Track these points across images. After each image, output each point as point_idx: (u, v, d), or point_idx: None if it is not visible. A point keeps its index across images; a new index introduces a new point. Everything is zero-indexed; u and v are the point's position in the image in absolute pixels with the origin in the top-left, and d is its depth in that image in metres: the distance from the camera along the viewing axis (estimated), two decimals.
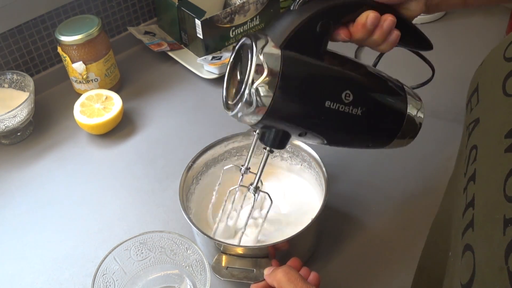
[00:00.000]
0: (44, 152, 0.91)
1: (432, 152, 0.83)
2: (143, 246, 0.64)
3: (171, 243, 0.64)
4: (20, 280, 0.72)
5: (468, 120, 0.44)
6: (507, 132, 0.36)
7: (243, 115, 0.55)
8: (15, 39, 0.96)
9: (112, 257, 0.62)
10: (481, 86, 0.43)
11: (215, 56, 1.02)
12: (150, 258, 0.66)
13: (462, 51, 1.02)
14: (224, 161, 0.77)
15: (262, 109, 0.54)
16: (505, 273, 0.32)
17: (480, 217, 0.37)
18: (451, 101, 0.91)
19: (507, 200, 0.34)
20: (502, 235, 0.33)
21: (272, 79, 0.53)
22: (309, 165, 0.73)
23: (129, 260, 0.64)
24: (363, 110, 0.58)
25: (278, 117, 0.56)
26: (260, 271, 0.63)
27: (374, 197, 0.78)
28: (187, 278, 0.66)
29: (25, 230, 0.79)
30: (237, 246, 0.64)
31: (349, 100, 0.56)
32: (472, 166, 0.40)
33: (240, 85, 0.54)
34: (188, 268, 0.65)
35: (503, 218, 0.34)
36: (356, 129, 0.60)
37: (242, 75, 0.55)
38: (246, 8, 1.04)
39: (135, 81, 1.04)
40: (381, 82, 0.61)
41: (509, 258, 0.32)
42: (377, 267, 0.69)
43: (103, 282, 0.61)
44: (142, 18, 1.13)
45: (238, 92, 0.55)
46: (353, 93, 0.57)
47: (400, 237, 0.72)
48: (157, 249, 0.65)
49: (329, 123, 0.58)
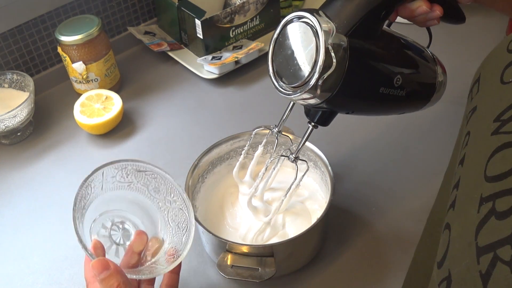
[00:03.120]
0: (44, 152, 0.90)
1: (437, 152, 0.83)
2: (134, 173, 0.62)
3: (162, 184, 0.63)
4: (20, 280, 0.71)
5: (467, 109, 0.44)
6: (495, 116, 0.38)
7: (302, 99, 0.54)
8: (15, 39, 0.96)
9: (101, 171, 0.60)
10: (482, 76, 0.44)
11: (215, 56, 1.02)
12: (132, 186, 0.63)
13: (462, 51, 1.02)
14: (230, 159, 0.76)
15: (324, 96, 0.53)
16: (473, 248, 0.33)
17: (461, 197, 0.38)
18: (452, 100, 0.91)
19: (486, 180, 0.35)
20: (476, 212, 0.34)
21: (339, 71, 0.52)
22: (314, 164, 0.73)
23: (112, 178, 0.61)
24: (408, 90, 0.60)
25: (337, 103, 0.56)
26: (265, 270, 0.62)
27: (379, 197, 0.78)
28: (159, 223, 0.64)
29: (25, 230, 0.78)
30: (242, 245, 0.64)
31: (398, 84, 0.59)
32: (463, 150, 0.41)
33: (299, 70, 0.53)
34: (167, 214, 0.63)
35: (479, 196, 0.35)
36: (396, 105, 0.63)
37: (301, 58, 0.53)
38: (246, 8, 1.03)
39: (135, 81, 1.04)
40: (422, 61, 0.63)
41: (479, 234, 0.33)
42: (382, 267, 0.69)
43: (83, 192, 0.59)
44: (142, 18, 1.12)
45: (297, 76, 0.53)
46: (402, 77, 0.59)
47: (405, 236, 0.72)
48: (144, 181, 0.63)
49: (377, 104, 0.61)
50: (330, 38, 0.51)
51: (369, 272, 0.69)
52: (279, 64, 0.56)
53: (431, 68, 0.64)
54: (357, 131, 0.88)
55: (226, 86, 1.01)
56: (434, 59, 0.65)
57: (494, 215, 0.33)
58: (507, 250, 0.30)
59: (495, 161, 0.35)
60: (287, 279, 0.68)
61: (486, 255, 0.32)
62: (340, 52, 0.51)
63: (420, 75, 0.63)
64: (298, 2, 1.17)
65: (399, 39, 0.62)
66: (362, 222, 0.74)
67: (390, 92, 0.58)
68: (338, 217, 0.75)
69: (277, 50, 0.56)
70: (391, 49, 0.59)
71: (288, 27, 0.55)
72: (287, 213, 0.71)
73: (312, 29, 0.52)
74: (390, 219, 0.75)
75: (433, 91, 0.65)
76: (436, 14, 0.60)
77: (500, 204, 0.33)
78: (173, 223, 0.63)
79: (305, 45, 0.52)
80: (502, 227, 0.32)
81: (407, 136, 0.86)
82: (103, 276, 0.52)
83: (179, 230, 0.63)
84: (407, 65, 0.61)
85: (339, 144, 0.86)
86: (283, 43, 0.55)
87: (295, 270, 0.69)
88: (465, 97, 0.45)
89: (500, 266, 0.30)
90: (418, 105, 0.66)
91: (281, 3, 1.11)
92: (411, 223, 0.74)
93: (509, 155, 0.34)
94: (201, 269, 0.70)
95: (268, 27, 1.10)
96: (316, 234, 0.68)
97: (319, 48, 0.51)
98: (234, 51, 1.02)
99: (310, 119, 0.61)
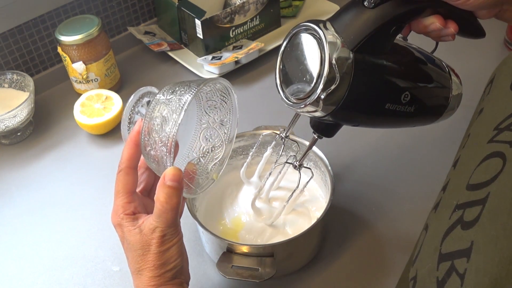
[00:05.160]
0: (44, 152, 0.90)
1: (438, 152, 0.83)
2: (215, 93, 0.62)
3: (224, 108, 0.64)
4: (20, 280, 0.71)
5: (477, 108, 0.44)
6: (496, 124, 0.38)
7: (305, 112, 0.54)
8: (15, 39, 0.96)
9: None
10: (496, 78, 0.44)
11: (215, 56, 1.02)
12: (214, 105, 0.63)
13: (461, 51, 1.02)
14: (230, 159, 0.76)
15: (326, 111, 0.53)
16: (436, 254, 0.33)
17: (444, 201, 0.39)
18: None
19: (466, 188, 0.35)
20: (448, 218, 0.35)
21: (343, 86, 0.51)
22: (315, 164, 0.73)
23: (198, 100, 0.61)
24: (416, 107, 0.58)
25: (341, 117, 0.56)
26: (265, 270, 0.62)
27: (379, 197, 0.78)
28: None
29: (25, 230, 0.78)
30: (242, 245, 0.64)
31: (406, 101, 0.57)
32: (459, 152, 0.41)
33: (304, 83, 0.53)
34: None
35: (456, 203, 0.35)
36: (405, 121, 0.62)
37: (306, 71, 0.52)
38: (246, 8, 1.03)
39: (135, 81, 1.04)
40: (434, 75, 0.61)
41: (444, 241, 0.34)
42: (382, 267, 0.69)
43: None
44: (142, 18, 1.12)
45: (301, 89, 0.53)
46: (411, 94, 0.57)
47: (405, 237, 0.72)
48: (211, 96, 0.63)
49: (383, 120, 0.59)
50: (335, 52, 0.50)
51: (369, 272, 0.69)
52: (285, 75, 0.56)
53: (445, 82, 0.62)
54: (358, 131, 0.88)
55: None
56: (449, 72, 0.63)
57: (461, 224, 0.33)
58: (463, 263, 0.30)
59: (480, 170, 0.35)
60: (287, 279, 0.68)
61: (445, 262, 0.32)
62: (344, 66, 0.51)
63: (432, 90, 0.61)
64: (298, 2, 1.17)
65: (412, 52, 0.60)
66: (362, 222, 0.74)
67: (397, 108, 0.57)
68: (338, 217, 0.75)
69: (284, 60, 0.56)
70: (401, 65, 0.57)
71: (295, 38, 0.54)
72: (287, 213, 0.71)
73: (318, 42, 0.51)
74: (390, 219, 0.75)
75: (446, 105, 0.63)
76: (450, 31, 0.58)
77: (468, 214, 0.33)
78: (207, 143, 0.63)
79: (311, 57, 0.52)
80: (464, 238, 0.32)
81: (407, 136, 0.86)
82: (173, 184, 0.52)
83: (210, 153, 0.63)
84: (417, 81, 0.59)
85: (339, 144, 0.86)
86: (290, 54, 0.55)
87: (295, 270, 0.69)
88: (467, 97, 0.45)
89: (454, 277, 0.30)
90: (429, 119, 0.64)
91: (281, 3, 1.11)
92: (411, 223, 0.74)
93: (493, 165, 0.34)
94: (201, 269, 0.70)
95: (268, 27, 1.10)
96: (316, 234, 0.68)
97: (323, 61, 0.50)
98: (234, 51, 1.02)
99: (315, 130, 0.61)
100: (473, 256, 0.30)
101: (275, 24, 1.11)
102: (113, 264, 0.72)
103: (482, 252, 0.30)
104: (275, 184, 0.71)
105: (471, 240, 0.31)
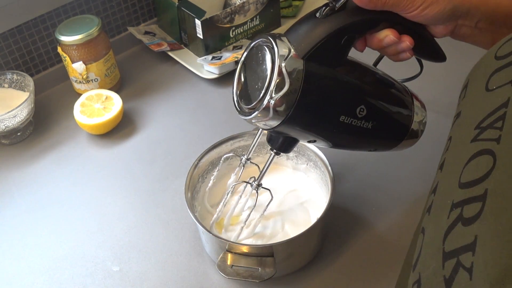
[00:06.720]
0: (44, 152, 0.90)
1: (438, 153, 0.83)
2: None
3: None
4: (20, 280, 0.71)
5: (455, 113, 0.45)
6: (477, 124, 0.38)
7: (257, 121, 0.55)
8: (15, 39, 0.96)
9: None
10: (470, 82, 0.45)
11: (215, 56, 1.02)
12: None
13: (459, 51, 1.02)
14: (230, 159, 0.76)
15: (278, 119, 0.54)
16: (440, 253, 0.34)
17: (436, 202, 0.39)
18: (454, 101, 0.91)
19: (459, 187, 0.36)
20: (447, 218, 0.35)
21: (293, 93, 0.52)
22: (314, 164, 0.73)
23: None
24: (374, 123, 0.58)
25: (292, 127, 0.56)
26: (265, 270, 0.62)
27: (379, 197, 0.78)
28: None
29: (25, 230, 0.78)
30: (242, 245, 0.64)
31: (362, 115, 0.57)
32: (444, 155, 0.41)
33: (256, 91, 0.54)
34: None
35: (452, 203, 0.35)
36: (364, 139, 0.61)
37: (259, 80, 0.54)
38: (246, 8, 1.03)
39: (135, 81, 1.04)
40: (393, 95, 0.61)
41: (446, 239, 0.34)
42: (382, 267, 0.69)
43: None
44: (142, 18, 1.12)
45: (253, 98, 0.54)
46: (366, 108, 0.57)
47: (406, 237, 0.72)
48: None
49: (339, 134, 0.59)
50: (286, 59, 0.52)
51: (369, 272, 0.69)
52: (243, 86, 0.57)
53: (405, 104, 0.62)
54: None
55: (226, 86, 1.01)
56: (412, 97, 0.63)
57: (461, 221, 0.33)
58: (469, 257, 0.31)
59: (470, 168, 0.36)
60: (287, 279, 0.68)
61: (450, 260, 0.32)
62: (294, 73, 0.52)
63: (391, 109, 0.61)
64: (298, 2, 1.17)
65: (367, 69, 0.60)
66: (362, 222, 0.74)
67: (353, 122, 0.57)
68: (338, 217, 0.75)
69: (243, 72, 0.58)
70: (357, 79, 0.58)
71: (253, 49, 0.56)
72: (287, 213, 0.71)
73: (270, 51, 0.53)
74: (390, 219, 0.75)
75: (407, 129, 0.62)
76: (406, 45, 0.57)
77: (467, 211, 0.33)
78: None
79: (264, 67, 0.53)
80: (467, 234, 0.32)
81: None
82: None
83: None
84: (374, 97, 0.59)
85: None
86: (247, 66, 0.57)
87: (295, 270, 0.69)
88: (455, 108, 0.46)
89: (461, 272, 0.31)
90: (391, 141, 0.64)
91: (281, 3, 1.11)
92: (411, 223, 0.73)
93: (483, 162, 0.35)
94: (201, 269, 0.70)
95: (268, 27, 1.10)
96: (316, 234, 0.68)
97: (273, 69, 0.52)
98: (234, 51, 1.02)
99: (272, 145, 0.62)
100: (478, 249, 0.30)
101: (275, 24, 1.11)
102: (113, 264, 0.72)
103: (488, 245, 0.30)
104: (237, 210, 0.71)
105: (475, 234, 0.31)
